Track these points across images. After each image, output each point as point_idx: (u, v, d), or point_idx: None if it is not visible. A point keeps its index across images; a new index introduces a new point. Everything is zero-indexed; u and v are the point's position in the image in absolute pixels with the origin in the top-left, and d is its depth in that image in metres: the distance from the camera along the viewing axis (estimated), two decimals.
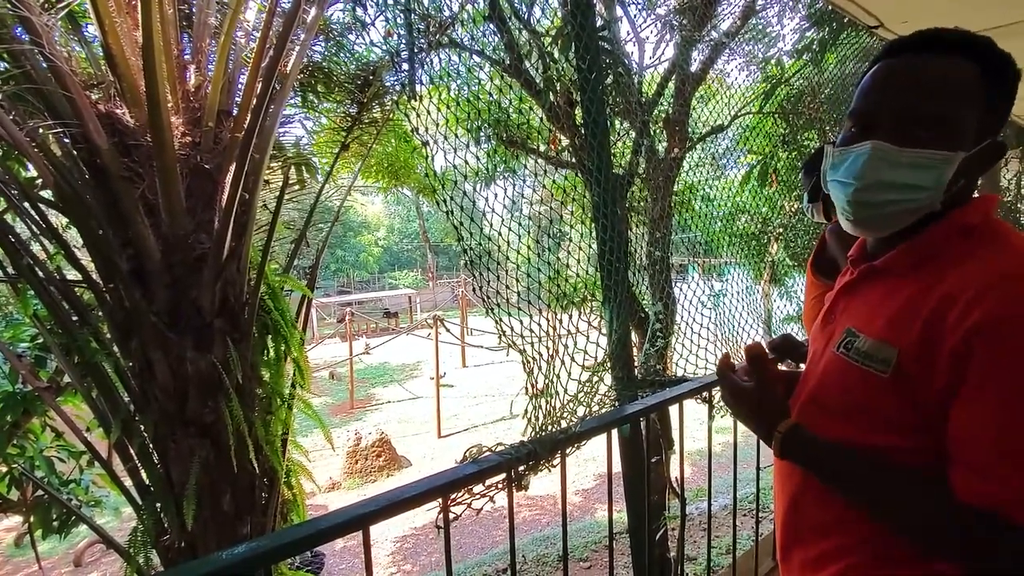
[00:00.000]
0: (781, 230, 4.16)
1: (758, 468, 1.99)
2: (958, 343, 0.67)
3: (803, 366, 1.02)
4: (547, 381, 1.47)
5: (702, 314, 2.84)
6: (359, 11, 3.06)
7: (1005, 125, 0.85)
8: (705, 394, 1.71)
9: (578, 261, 1.82)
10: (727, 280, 3.44)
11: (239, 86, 2.14)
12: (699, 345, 2.66)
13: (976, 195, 0.81)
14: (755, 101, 3.75)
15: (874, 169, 0.75)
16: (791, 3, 3.64)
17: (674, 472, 3.02)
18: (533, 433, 1.31)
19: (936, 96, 0.73)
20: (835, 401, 0.82)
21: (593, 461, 7.69)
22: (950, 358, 0.67)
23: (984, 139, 0.74)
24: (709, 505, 1.78)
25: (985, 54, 0.73)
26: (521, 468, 1.22)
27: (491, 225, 1.65)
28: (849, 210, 0.80)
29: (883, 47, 0.80)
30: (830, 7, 2.18)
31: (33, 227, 2.00)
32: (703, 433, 1.76)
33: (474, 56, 2.58)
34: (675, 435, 2.19)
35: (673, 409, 1.71)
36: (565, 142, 2.79)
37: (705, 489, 2.01)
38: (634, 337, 2.82)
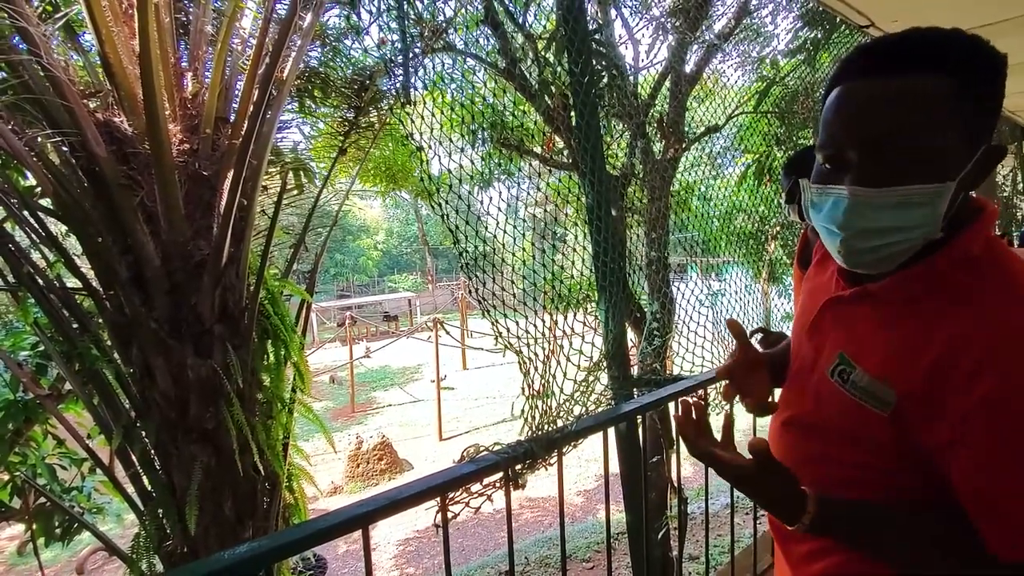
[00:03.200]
0: (779, 228, 4.17)
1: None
2: (964, 408, 0.64)
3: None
4: (544, 381, 1.48)
5: (700, 313, 2.86)
6: (354, 17, 3.08)
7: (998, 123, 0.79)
8: (700, 392, 1.73)
9: (573, 263, 1.83)
10: (725, 279, 3.45)
11: (236, 93, 2.16)
12: (697, 344, 2.68)
13: (973, 194, 0.74)
14: (750, 101, 3.77)
15: (857, 217, 0.67)
16: (784, 2, 3.65)
17: (674, 471, 3.03)
18: (530, 432, 1.32)
19: (908, 125, 0.64)
20: (826, 423, 0.80)
21: (595, 462, 7.69)
22: (954, 419, 0.65)
23: (977, 148, 0.65)
24: (707, 503, 1.79)
25: (957, 59, 0.64)
26: (518, 467, 1.23)
27: (487, 228, 1.67)
28: (841, 258, 0.74)
29: (839, 65, 0.70)
30: (821, 7, 2.20)
31: (33, 235, 2.01)
32: None
33: (468, 60, 2.60)
34: (674, 434, 2.20)
35: (671, 408, 1.72)
36: (560, 144, 2.81)
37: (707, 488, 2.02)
38: (632, 336, 2.84)
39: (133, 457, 2.02)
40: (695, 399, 0.86)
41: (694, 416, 0.83)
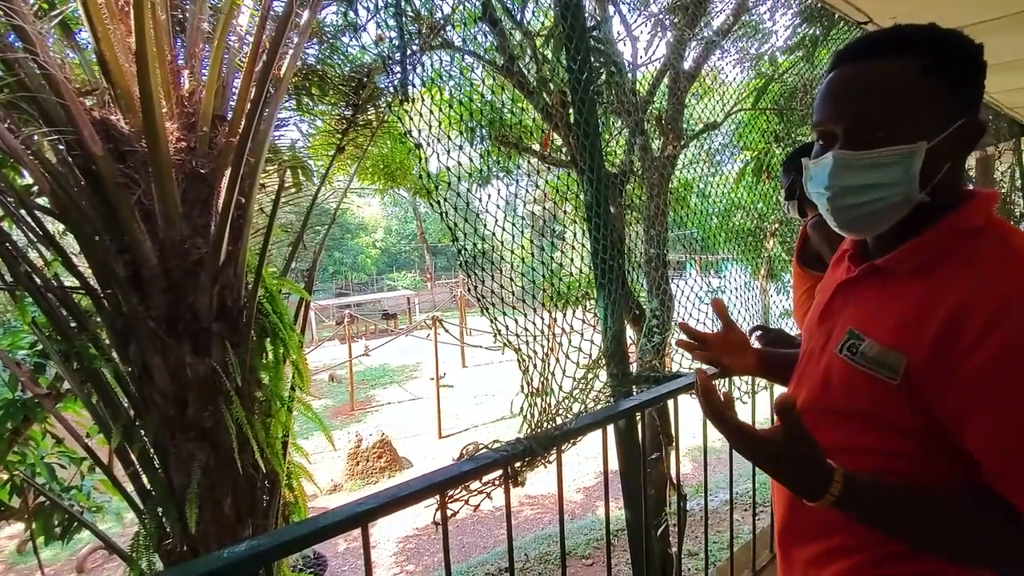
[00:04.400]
0: (777, 225, 4.18)
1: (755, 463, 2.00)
2: (976, 370, 0.66)
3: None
4: (543, 379, 1.48)
5: (699, 309, 2.86)
6: (351, 14, 3.07)
7: (990, 112, 0.84)
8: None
9: (572, 260, 1.83)
10: (724, 276, 3.46)
11: (233, 90, 2.15)
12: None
13: (971, 187, 0.80)
14: (748, 98, 3.76)
15: (839, 176, 0.77)
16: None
17: (673, 468, 3.03)
18: (529, 430, 1.32)
19: (877, 98, 0.74)
20: (838, 404, 0.80)
21: (594, 459, 7.71)
22: (967, 382, 0.67)
23: (953, 120, 0.73)
24: (705, 500, 1.80)
25: (925, 45, 0.74)
26: (517, 465, 1.23)
27: (486, 225, 1.66)
28: (831, 218, 0.82)
29: (830, 59, 0.82)
30: (819, 4, 2.19)
31: (30, 234, 2.00)
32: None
33: (466, 57, 2.59)
34: (673, 431, 2.20)
35: (670, 405, 1.72)
36: (559, 142, 2.80)
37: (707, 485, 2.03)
38: (631, 333, 2.84)
39: (132, 456, 2.02)
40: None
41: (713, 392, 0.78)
